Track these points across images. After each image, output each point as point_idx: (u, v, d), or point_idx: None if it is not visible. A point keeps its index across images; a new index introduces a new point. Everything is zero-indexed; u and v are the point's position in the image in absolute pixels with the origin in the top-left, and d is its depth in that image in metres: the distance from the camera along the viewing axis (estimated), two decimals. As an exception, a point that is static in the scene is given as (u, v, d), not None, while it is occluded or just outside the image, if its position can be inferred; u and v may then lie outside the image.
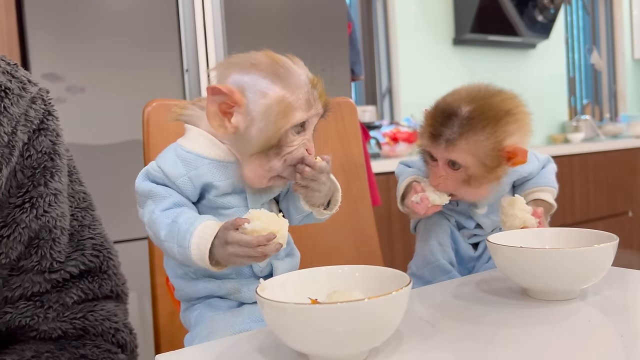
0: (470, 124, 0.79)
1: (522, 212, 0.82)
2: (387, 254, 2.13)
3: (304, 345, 0.51)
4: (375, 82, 3.04)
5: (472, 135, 0.79)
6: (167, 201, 0.67)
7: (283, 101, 0.65)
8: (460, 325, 0.60)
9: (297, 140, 0.67)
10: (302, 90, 0.66)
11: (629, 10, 4.14)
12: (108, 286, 0.75)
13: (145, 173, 0.70)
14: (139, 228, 0.71)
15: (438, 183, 0.83)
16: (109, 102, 1.53)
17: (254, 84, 0.65)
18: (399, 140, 2.51)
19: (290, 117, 0.65)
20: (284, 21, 1.78)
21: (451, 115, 0.80)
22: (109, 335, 0.73)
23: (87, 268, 0.73)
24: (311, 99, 0.67)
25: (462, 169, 0.82)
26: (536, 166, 0.91)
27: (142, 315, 1.58)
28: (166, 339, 0.95)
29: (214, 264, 0.64)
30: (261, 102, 0.65)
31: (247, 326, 0.68)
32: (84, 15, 1.49)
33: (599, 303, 0.65)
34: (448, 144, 0.80)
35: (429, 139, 0.82)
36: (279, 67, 0.66)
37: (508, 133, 0.80)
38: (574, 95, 4.01)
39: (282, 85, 0.65)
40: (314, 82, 0.67)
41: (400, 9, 2.98)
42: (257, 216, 0.62)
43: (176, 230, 0.64)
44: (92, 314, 0.72)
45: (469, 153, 0.80)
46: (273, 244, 0.62)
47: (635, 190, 3.24)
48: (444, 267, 0.90)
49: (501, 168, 0.82)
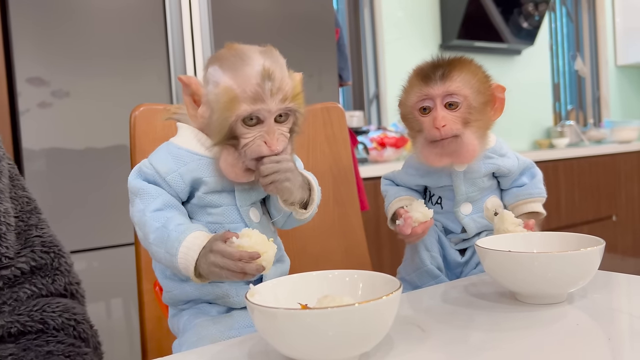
0: (458, 59, 0.85)
1: (513, 225, 0.82)
2: (374, 259, 2.13)
3: (295, 350, 0.51)
4: (362, 88, 3.05)
5: (464, 66, 0.84)
6: (157, 201, 0.67)
7: (229, 92, 0.65)
8: (450, 330, 0.61)
9: (251, 133, 0.66)
10: (251, 82, 0.64)
11: (612, 17, 4.21)
12: (61, 282, 0.75)
13: (137, 170, 0.70)
14: (126, 233, 0.71)
15: (443, 124, 0.81)
16: (95, 107, 1.51)
17: (212, 74, 0.67)
18: (386, 146, 2.52)
19: (234, 109, 0.64)
20: (272, 27, 1.78)
21: (439, 60, 0.85)
22: (69, 329, 0.72)
23: (37, 265, 0.73)
24: (261, 91, 0.64)
25: (460, 108, 0.83)
26: (516, 164, 0.91)
27: (128, 322, 1.56)
28: (153, 345, 0.94)
29: (197, 275, 0.64)
30: (214, 92, 0.66)
31: (237, 332, 0.67)
32: (70, 20, 1.48)
33: (586, 306, 0.66)
34: (444, 78, 0.82)
35: (421, 82, 0.84)
36: (235, 59, 0.66)
37: (488, 74, 0.87)
38: (558, 101, 4.06)
39: (231, 75, 0.65)
40: (266, 74, 0.64)
41: (388, 15, 3.00)
42: (248, 234, 0.62)
43: (166, 236, 0.64)
44: (48, 306, 0.71)
45: (464, 83, 0.83)
46: (255, 264, 0.61)
47: (618, 195, 3.29)
48: (432, 273, 0.91)
49: (491, 109, 0.86)
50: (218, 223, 0.70)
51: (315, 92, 1.84)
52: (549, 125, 3.80)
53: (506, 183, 0.92)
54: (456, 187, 0.88)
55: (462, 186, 0.88)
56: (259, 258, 0.61)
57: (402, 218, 0.85)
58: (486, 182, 0.90)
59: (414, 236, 0.86)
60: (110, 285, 1.53)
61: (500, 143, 0.91)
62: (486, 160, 0.88)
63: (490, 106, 0.86)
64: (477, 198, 0.90)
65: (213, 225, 0.70)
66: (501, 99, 0.87)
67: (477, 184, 0.89)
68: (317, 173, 1.10)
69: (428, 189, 0.94)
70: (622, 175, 3.31)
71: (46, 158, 1.46)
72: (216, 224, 0.70)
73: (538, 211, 0.90)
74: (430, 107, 0.84)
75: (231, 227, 0.70)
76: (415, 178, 0.93)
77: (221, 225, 0.70)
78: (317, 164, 1.11)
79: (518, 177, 0.92)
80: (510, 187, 0.93)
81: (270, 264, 0.63)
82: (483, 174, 0.88)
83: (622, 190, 3.31)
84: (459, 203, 0.89)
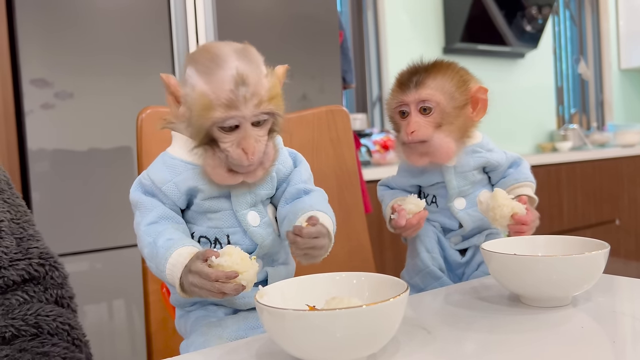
0: (435, 66, 0.89)
1: (507, 200, 0.83)
2: (378, 261, 2.14)
3: (302, 351, 0.51)
4: (365, 90, 3.06)
5: (438, 73, 0.88)
6: (152, 214, 0.68)
7: (203, 98, 0.64)
8: (455, 332, 0.61)
9: (229, 138, 0.65)
10: (224, 88, 0.63)
11: (616, 21, 4.21)
12: (54, 292, 0.74)
13: (138, 182, 0.71)
14: (131, 235, 0.71)
15: (413, 129, 0.86)
16: (99, 108, 1.52)
17: (190, 76, 0.66)
18: (389, 148, 2.53)
19: (209, 114, 0.64)
20: (276, 29, 1.79)
21: (416, 67, 0.90)
22: (63, 334, 0.72)
23: (30, 277, 0.72)
24: (235, 98, 0.63)
25: (433, 113, 0.87)
26: (504, 157, 0.94)
27: (132, 323, 1.57)
28: (158, 346, 0.95)
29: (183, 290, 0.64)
30: (191, 95, 0.66)
31: (244, 333, 0.68)
32: (74, 21, 1.49)
33: (590, 309, 0.66)
34: (417, 85, 0.87)
35: (398, 89, 0.89)
36: (208, 61, 0.65)
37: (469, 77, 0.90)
38: (561, 105, 4.06)
39: (205, 80, 0.64)
40: (239, 79, 0.63)
41: (391, 18, 3.01)
42: (229, 252, 0.60)
43: (155, 252, 0.65)
44: (42, 310, 0.71)
45: (437, 89, 0.87)
46: (233, 284, 0.59)
47: (621, 199, 3.28)
48: (435, 274, 0.92)
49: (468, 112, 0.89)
50: (218, 227, 0.70)
51: (318, 95, 1.85)
52: (552, 129, 3.80)
53: (496, 177, 0.95)
54: (448, 182, 0.91)
55: (454, 180, 0.91)
56: (236, 277, 0.59)
57: (397, 212, 0.87)
58: (477, 176, 0.92)
59: (410, 228, 0.88)
60: (114, 286, 1.54)
61: (486, 139, 0.94)
62: (474, 155, 0.91)
63: (472, 107, 0.89)
64: (469, 192, 0.92)
65: (214, 230, 0.70)
66: (483, 99, 0.89)
67: (468, 177, 0.91)
68: (321, 175, 1.11)
69: (422, 190, 0.96)
70: (625, 178, 3.31)
71: (51, 159, 1.46)
72: (216, 229, 0.70)
73: (527, 194, 0.91)
74: (408, 111, 0.88)
75: (230, 231, 0.70)
76: (409, 179, 0.95)
77: (221, 229, 0.70)
78: (321, 166, 1.11)
79: (506, 170, 0.95)
80: (499, 179, 0.95)
81: (252, 283, 0.61)
82: (473, 167, 0.91)
83: (625, 193, 3.31)
84: (452, 197, 0.91)
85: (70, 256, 1.48)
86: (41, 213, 1.44)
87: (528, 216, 0.83)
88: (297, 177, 0.74)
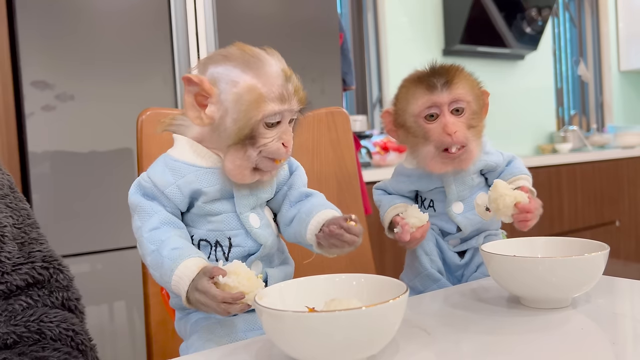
0: (454, 67, 0.87)
1: (508, 190, 0.83)
2: (377, 262, 2.14)
3: (302, 353, 0.51)
4: (366, 92, 3.06)
5: (462, 73, 0.87)
6: (153, 220, 0.66)
7: (254, 90, 0.64)
8: (455, 333, 0.61)
9: (271, 134, 0.66)
10: (275, 83, 0.65)
11: (615, 23, 4.21)
12: (59, 296, 0.73)
13: (137, 184, 0.70)
14: (131, 237, 0.70)
15: (456, 129, 0.83)
16: (100, 110, 1.52)
17: (226, 74, 0.65)
18: (389, 150, 2.53)
19: (261, 108, 0.64)
20: (277, 31, 1.79)
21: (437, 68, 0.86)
22: (67, 339, 0.70)
23: (34, 281, 0.71)
24: (285, 92, 0.65)
25: (465, 113, 0.85)
26: (501, 158, 0.93)
27: (132, 324, 1.57)
28: (158, 348, 0.95)
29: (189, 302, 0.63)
30: (232, 91, 0.65)
31: (243, 335, 0.68)
32: (75, 23, 1.49)
33: (590, 311, 0.66)
34: (449, 85, 0.84)
35: (427, 91, 0.85)
36: (250, 58, 0.66)
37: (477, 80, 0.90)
38: (561, 106, 4.06)
39: (253, 75, 0.65)
40: (287, 74, 0.66)
41: (391, 20, 3.01)
42: (236, 271, 0.60)
43: (160, 262, 0.64)
44: (46, 316, 0.69)
45: (467, 88, 0.86)
46: (239, 304, 0.59)
47: (622, 200, 3.28)
48: (433, 276, 0.92)
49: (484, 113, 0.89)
50: (219, 230, 0.70)
51: (318, 96, 1.85)
52: (552, 130, 3.80)
53: (493, 178, 0.94)
54: (447, 187, 0.91)
55: (453, 185, 0.90)
56: (243, 298, 0.59)
57: (400, 226, 0.86)
58: (475, 180, 0.92)
59: (414, 241, 0.87)
60: (114, 288, 1.54)
61: (484, 142, 0.94)
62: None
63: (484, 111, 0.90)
64: (467, 196, 0.92)
65: (214, 233, 0.70)
66: (486, 104, 0.90)
67: (467, 182, 0.91)
68: (321, 177, 1.11)
69: (419, 194, 0.96)
70: (625, 180, 3.31)
71: (51, 161, 1.46)
72: (217, 231, 0.70)
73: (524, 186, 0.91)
74: (437, 113, 0.85)
75: (232, 233, 0.70)
76: (407, 185, 0.95)
77: (222, 232, 0.70)
78: (321, 168, 1.12)
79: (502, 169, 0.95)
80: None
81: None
82: (472, 172, 0.91)
83: (625, 195, 3.31)
84: (451, 202, 0.91)
85: (71, 258, 1.48)
86: (41, 215, 1.44)
87: (532, 204, 0.82)
88: (299, 180, 0.76)
